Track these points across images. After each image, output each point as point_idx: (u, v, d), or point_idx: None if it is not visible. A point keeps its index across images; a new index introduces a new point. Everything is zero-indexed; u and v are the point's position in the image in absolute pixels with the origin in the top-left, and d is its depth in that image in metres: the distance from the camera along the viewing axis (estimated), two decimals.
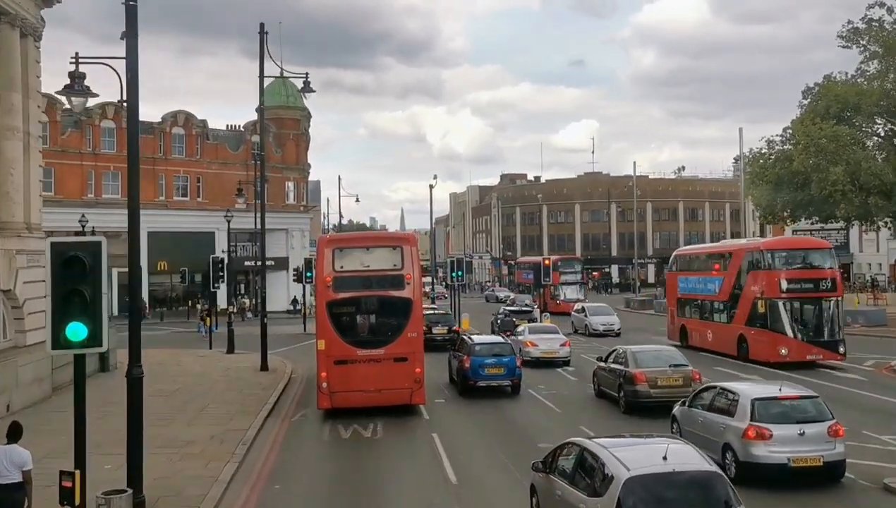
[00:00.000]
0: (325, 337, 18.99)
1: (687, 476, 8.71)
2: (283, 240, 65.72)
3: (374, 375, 18.77)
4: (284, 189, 65.71)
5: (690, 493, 8.56)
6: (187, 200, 59.80)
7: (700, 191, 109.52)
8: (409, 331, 19.21)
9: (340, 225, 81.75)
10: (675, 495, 8.50)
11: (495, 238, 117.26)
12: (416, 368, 19.09)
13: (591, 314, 41.66)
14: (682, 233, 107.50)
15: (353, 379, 18.72)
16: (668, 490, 8.52)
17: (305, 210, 68.23)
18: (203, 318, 41.86)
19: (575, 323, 42.25)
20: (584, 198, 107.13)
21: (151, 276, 58.12)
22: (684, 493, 8.53)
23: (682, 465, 8.79)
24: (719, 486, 8.61)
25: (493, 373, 21.85)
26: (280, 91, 66.30)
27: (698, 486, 8.65)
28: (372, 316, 19.91)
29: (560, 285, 56.27)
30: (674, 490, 8.54)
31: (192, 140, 59.94)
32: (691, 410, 15.01)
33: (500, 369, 21.89)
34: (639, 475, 8.55)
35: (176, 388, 23.10)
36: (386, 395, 18.93)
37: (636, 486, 8.45)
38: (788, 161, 50.42)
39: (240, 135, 63.78)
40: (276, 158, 64.87)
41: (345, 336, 19.13)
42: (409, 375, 19.01)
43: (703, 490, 8.61)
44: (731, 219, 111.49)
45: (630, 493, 8.39)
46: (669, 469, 8.66)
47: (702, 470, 8.84)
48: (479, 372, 21.72)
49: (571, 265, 62.26)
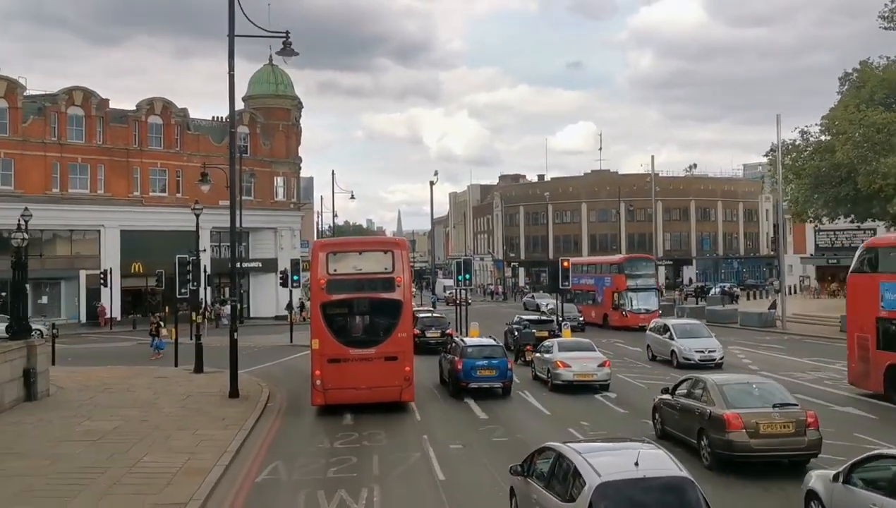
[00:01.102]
0: (319, 336, 19.82)
1: (658, 482, 8.69)
2: (272, 239, 60.54)
3: (365, 373, 19.57)
4: (273, 184, 60.54)
5: (662, 498, 8.54)
6: (165, 196, 54.52)
7: (712, 190, 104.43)
8: (399, 332, 20.05)
9: (335, 225, 76.53)
10: (646, 500, 8.50)
11: (497, 238, 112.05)
12: (405, 367, 19.92)
13: (679, 335, 29.12)
14: (693, 234, 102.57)
15: (346, 376, 19.56)
16: (639, 496, 8.52)
17: (296, 207, 63.01)
18: (153, 331, 35.01)
19: (653, 348, 31.01)
20: (591, 197, 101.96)
21: (124, 279, 52.95)
22: (655, 498, 8.53)
23: (653, 471, 8.81)
24: (690, 491, 8.60)
25: (485, 375, 22.14)
26: (269, 78, 61.22)
27: (670, 491, 8.62)
28: (364, 317, 20.72)
29: (627, 292, 45.02)
30: (645, 495, 8.53)
31: (170, 130, 54.66)
32: (852, 490, 9.84)
33: (491, 371, 22.18)
34: (610, 480, 8.60)
35: (113, 427, 17.88)
36: (377, 392, 19.72)
37: (607, 491, 8.48)
38: (828, 152, 45.40)
39: (224, 127, 58.38)
40: (264, 151, 59.78)
41: (338, 336, 19.93)
42: (399, 373, 19.83)
43: (675, 495, 8.57)
44: (745, 219, 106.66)
45: (601, 498, 8.42)
46: (641, 474, 8.67)
47: (673, 476, 8.83)
48: (470, 373, 22.01)
49: (643, 266, 48.47)
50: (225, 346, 23.67)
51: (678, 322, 32.16)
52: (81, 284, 52.01)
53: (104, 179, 52.10)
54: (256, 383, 25.02)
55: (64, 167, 50.54)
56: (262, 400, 21.86)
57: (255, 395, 22.53)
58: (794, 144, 48.17)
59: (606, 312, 46.89)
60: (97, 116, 51.69)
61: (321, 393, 19.64)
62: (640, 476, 8.68)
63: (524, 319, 33.54)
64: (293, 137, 61.98)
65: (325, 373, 19.56)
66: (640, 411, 19.61)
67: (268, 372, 28.66)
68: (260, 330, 49.20)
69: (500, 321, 47.00)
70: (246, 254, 59.10)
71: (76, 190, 51.32)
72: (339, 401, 19.72)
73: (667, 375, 25.55)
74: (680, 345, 28.66)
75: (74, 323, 51.39)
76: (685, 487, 8.66)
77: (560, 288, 38.39)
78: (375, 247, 22.56)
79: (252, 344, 39.28)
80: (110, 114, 52.44)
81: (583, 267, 52.25)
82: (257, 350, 36.80)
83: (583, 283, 49.70)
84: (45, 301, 51.88)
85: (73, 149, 50.81)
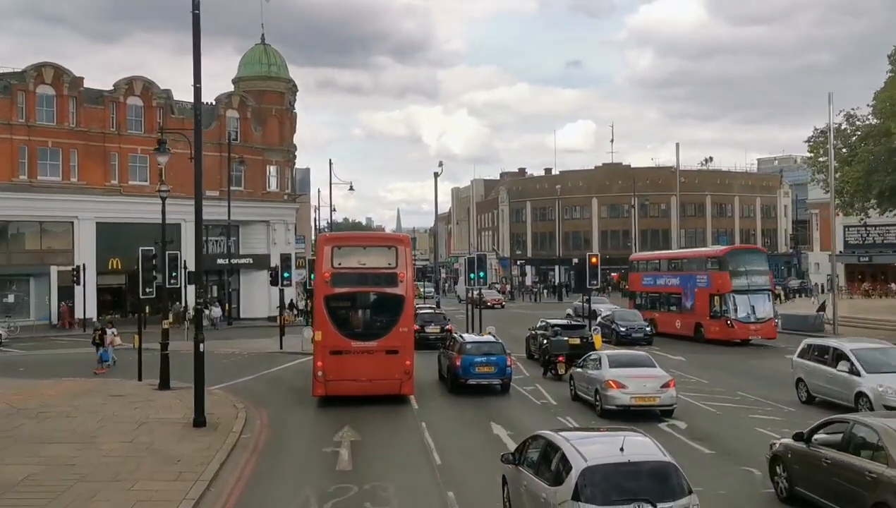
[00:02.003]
0: (322, 328, 20.01)
1: (643, 467, 8.95)
2: (264, 233, 55.67)
3: (366, 366, 19.78)
4: (265, 174, 55.67)
5: (645, 482, 8.76)
6: (146, 185, 49.58)
7: (729, 184, 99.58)
8: (400, 326, 20.26)
9: (332, 219, 71.74)
10: (631, 484, 8.71)
11: (503, 235, 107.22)
12: (406, 360, 20.11)
13: (869, 367, 18.43)
14: (709, 230, 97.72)
15: (347, 368, 19.77)
16: (623, 480, 8.76)
17: (291, 199, 58.16)
18: (96, 339, 29.23)
19: (809, 382, 20.44)
20: (602, 191, 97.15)
21: (101, 277, 48.15)
22: (639, 482, 8.74)
23: (637, 456, 9.05)
24: (673, 476, 8.88)
25: (484, 372, 22.04)
26: (260, 58, 56.40)
27: (654, 476, 8.88)
28: (366, 310, 21.07)
29: (733, 294, 34.82)
30: (629, 479, 8.77)
31: (151, 113, 49.77)
32: None
33: (490, 367, 22.06)
34: (595, 465, 8.85)
35: (23, 477, 13.11)
36: (377, 385, 19.94)
37: (593, 475, 8.73)
38: (883, 136, 40.67)
39: (211, 110, 53.63)
40: (255, 138, 54.94)
41: (340, 328, 20.11)
42: (399, 367, 20.00)
43: (658, 479, 8.82)
44: (763, 215, 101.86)
45: (586, 482, 8.66)
46: (625, 459, 8.92)
47: (657, 461, 9.08)
48: (469, 370, 21.91)
49: (754, 260, 37.89)
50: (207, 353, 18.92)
51: (861, 346, 20.18)
52: (52, 281, 47.21)
53: (77, 165, 47.26)
54: (232, 404, 20.26)
55: (32, 152, 45.72)
56: (236, 429, 17.09)
57: (226, 422, 17.75)
58: (839, 129, 43.38)
59: (700, 321, 36.44)
60: (70, 96, 46.87)
61: (323, 384, 19.95)
62: (624, 460, 8.92)
63: (553, 324, 28.68)
64: (287, 123, 57.13)
65: (327, 365, 19.81)
66: (732, 452, 14.86)
67: (248, 388, 23.87)
68: (249, 332, 44.43)
69: (515, 324, 42.32)
70: (236, 249, 54.36)
71: (46, 177, 46.48)
72: (339, 393, 19.97)
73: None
74: (870, 383, 17.90)
75: (45, 324, 46.65)
76: (669, 472, 8.91)
77: (588, 287, 33.66)
78: (379, 243, 23.35)
79: (236, 350, 34.48)
80: (85, 94, 47.61)
81: (659, 264, 43.20)
82: (241, 358, 32.04)
83: (661, 284, 40.89)
84: (12, 300, 47.14)
85: (43, 132, 45.97)
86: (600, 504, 8.52)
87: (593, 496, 8.57)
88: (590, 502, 8.54)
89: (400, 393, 20.18)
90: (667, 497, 8.63)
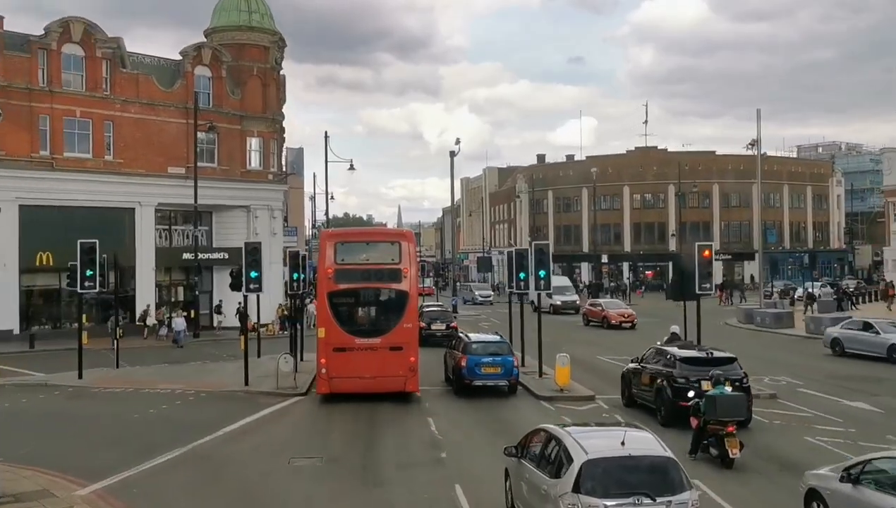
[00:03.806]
0: (326, 325, 20.07)
1: (643, 461, 9.15)
2: (243, 221, 44.77)
3: (370, 363, 19.77)
4: (245, 147, 44.76)
5: (645, 476, 8.93)
6: (89, 158, 38.77)
7: (777, 171, 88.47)
8: (404, 322, 20.25)
9: (328, 207, 60.87)
10: (631, 477, 8.91)
11: (521, 229, 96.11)
12: (410, 357, 20.11)
13: None
14: (755, 223, 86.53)
15: (351, 365, 19.77)
16: (623, 473, 8.97)
17: (277, 180, 47.23)
18: None
19: None
20: (635, 178, 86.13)
21: (26, 276, 37.34)
22: (639, 476, 8.92)
23: (638, 451, 9.26)
24: (673, 470, 9.06)
25: (490, 373, 21.46)
26: (239, 4, 45.46)
27: (653, 470, 9.05)
28: (370, 307, 21.26)
29: None
30: (629, 472, 8.98)
31: (95, 66, 38.80)
32: None
33: (496, 368, 21.50)
34: (596, 458, 9.06)
35: None
36: (381, 382, 19.88)
37: (593, 468, 8.93)
38: None
39: (176, 66, 42.77)
40: (232, 103, 44.05)
41: (344, 325, 20.19)
42: (403, 363, 20.00)
43: (658, 473, 8.99)
44: (814, 206, 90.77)
45: (587, 475, 8.86)
46: (626, 453, 9.13)
47: (657, 455, 9.28)
48: (475, 371, 21.32)
49: None
50: None
51: None
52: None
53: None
54: None
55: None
56: None
57: None
58: None
59: None
60: None
61: (326, 381, 19.90)
62: (625, 454, 9.13)
63: (678, 357, 17.59)
64: (272, 85, 46.18)
65: (331, 362, 19.75)
66: None
67: (155, 493, 12.82)
68: (217, 349, 33.65)
69: (587, 346, 31.85)
70: (207, 241, 43.61)
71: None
72: (344, 390, 19.87)
73: None
74: None
75: None
76: (668, 467, 9.12)
77: (699, 291, 22.82)
78: (383, 238, 23.25)
79: (182, 385, 23.53)
80: (6, 39, 36.68)
81: None
82: (181, 405, 21.10)
83: None
84: None
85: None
86: (600, 496, 8.67)
87: (593, 488, 8.74)
88: (590, 494, 8.70)
89: (405, 390, 20.21)
90: (666, 491, 8.77)
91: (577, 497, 8.69)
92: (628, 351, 26.14)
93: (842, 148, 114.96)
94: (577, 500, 8.71)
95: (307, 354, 29.11)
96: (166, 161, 41.06)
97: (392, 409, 19.60)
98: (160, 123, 40.97)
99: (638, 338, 33.07)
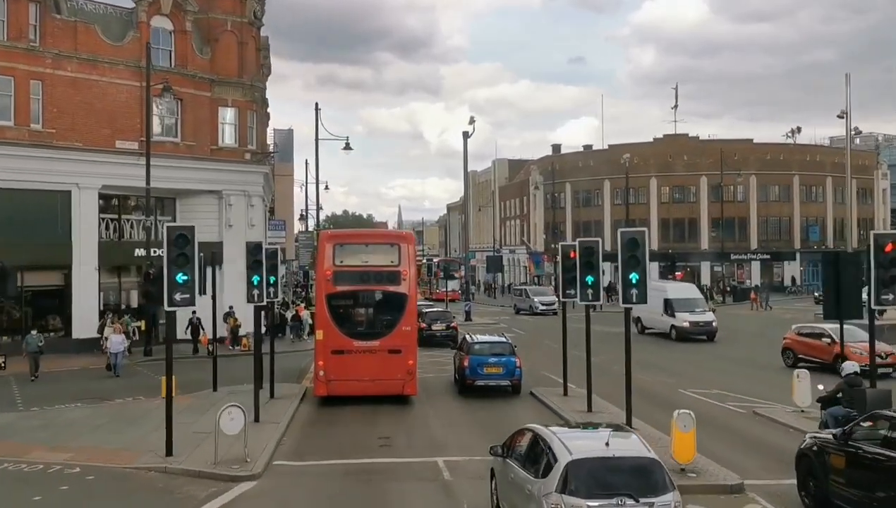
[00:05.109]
0: (324, 327, 19.99)
1: (626, 462, 9.25)
2: (215, 210, 36.40)
3: (369, 365, 19.69)
4: (216, 119, 36.46)
5: (629, 477, 9.00)
6: (10, 126, 30.48)
7: (820, 162, 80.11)
8: (403, 325, 20.23)
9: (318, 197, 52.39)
10: (614, 478, 8.97)
11: (535, 225, 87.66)
12: (409, 360, 20.00)
13: None
14: (796, 219, 78.37)
15: (350, 368, 19.69)
16: (607, 474, 9.03)
17: (257, 159, 38.81)
18: None
19: None
20: (663, 169, 77.73)
21: None
22: (623, 477, 8.99)
23: (622, 451, 9.38)
24: (656, 472, 9.12)
25: (492, 373, 21.59)
26: None
27: (637, 471, 9.12)
28: (369, 309, 21.14)
29: None
30: (613, 473, 9.04)
31: (20, 9, 30.49)
32: None
33: (498, 368, 21.58)
34: (580, 458, 9.13)
35: None
36: (379, 385, 19.82)
37: (577, 469, 8.99)
38: None
39: (127, 16, 34.41)
40: (199, 63, 35.74)
41: (342, 327, 20.12)
42: (402, 367, 19.90)
43: (641, 475, 9.05)
44: (859, 201, 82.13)
45: (572, 475, 8.93)
46: (610, 454, 9.23)
47: (640, 457, 9.37)
48: (477, 371, 21.49)
49: None
50: None
51: None
52: None
53: None
54: None
55: None
56: None
57: None
58: None
59: None
60: None
61: (325, 384, 19.80)
62: (609, 455, 9.21)
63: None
64: (250, 45, 37.82)
65: (329, 365, 19.70)
66: None
67: None
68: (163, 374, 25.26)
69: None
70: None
71: None
72: (342, 393, 19.75)
73: None
74: None
75: None
76: (652, 468, 9.16)
77: (877, 304, 14.64)
78: (382, 240, 23.35)
79: (63, 457, 15.08)
80: None
81: None
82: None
83: None
84: None
85: None
86: (584, 497, 8.74)
87: (577, 489, 8.80)
88: (574, 495, 8.77)
89: (402, 393, 20.06)
90: (649, 492, 8.81)
91: (560, 498, 8.80)
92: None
93: (879, 139, 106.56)
94: (560, 500, 8.80)
95: (282, 387, 20.95)
96: (113, 133, 32.73)
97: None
98: (105, 85, 32.62)
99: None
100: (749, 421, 18.40)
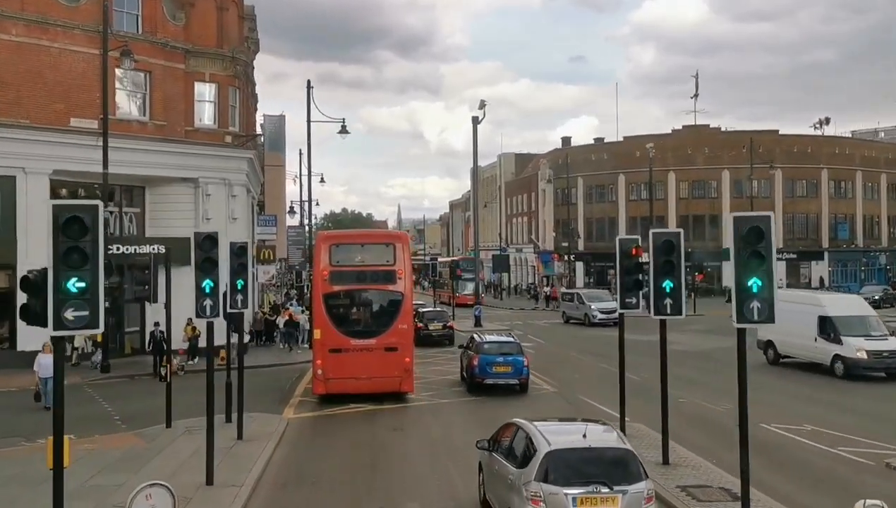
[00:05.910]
0: (321, 326, 20.35)
1: (602, 452, 9.70)
2: (190, 200, 31.45)
3: (366, 364, 19.96)
4: (191, 95, 31.54)
5: (604, 466, 9.40)
6: None
7: (850, 155, 75.26)
8: (399, 323, 20.55)
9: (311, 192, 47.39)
10: (590, 468, 9.37)
11: (544, 223, 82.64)
12: (405, 358, 20.36)
13: None
14: (825, 215, 73.43)
15: (347, 366, 19.94)
16: (583, 464, 9.46)
17: (240, 143, 33.86)
18: None
19: None
20: (683, 162, 72.86)
21: None
22: (599, 466, 9.40)
23: (598, 442, 9.89)
24: (631, 462, 9.53)
25: (501, 372, 21.94)
26: None
27: (612, 461, 9.52)
28: (365, 308, 21.54)
29: None
30: (589, 463, 9.46)
31: None
32: None
33: (507, 367, 21.93)
34: (558, 448, 9.54)
35: None
36: (377, 383, 20.16)
37: (555, 458, 9.40)
38: None
39: None
40: (171, 30, 30.86)
41: (339, 326, 20.46)
42: (398, 364, 20.24)
43: (616, 465, 9.47)
44: (889, 196, 77.24)
45: (549, 464, 9.33)
46: (586, 445, 9.73)
47: (616, 448, 9.83)
48: (486, 369, 21.84)
49: None
50: None
51: None
52: None
53: None
54: None
55: None
56: None
57: None
58: None
59: None
60: None
61: (322, 382, 20.06)
62: (585, 445, 9.71)
63: None
64: (231, 10, 32.94)
65: (327, 363, 19.96)
66: None
67: None
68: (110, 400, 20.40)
69: None
70: (138, 228, 30.48)
71: None
72: (340, 391, 20.00)
73: None
74: None
75: None
76: (626, 458, 9.59)
77: None
78: (378, 240, 23.52)
79: None
80: None
81: None
82: None
83: None
84: None
85: None
86: (561, 485, 9.14)
87: (555, 478, 9.20)
88: (552, 483, 9.16)
89: (399, 390, 20.34)
90: (623, 480, 9.24)
91: (539, 486, 9.15)
92: None
93: None
94: (539, 488, 9.14)
95: (256, 420, 16.16)
96: (67, 109, 27.84)
97: None
98: (58, 53, 27.70)
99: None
100: (883, 477, 13.47)
